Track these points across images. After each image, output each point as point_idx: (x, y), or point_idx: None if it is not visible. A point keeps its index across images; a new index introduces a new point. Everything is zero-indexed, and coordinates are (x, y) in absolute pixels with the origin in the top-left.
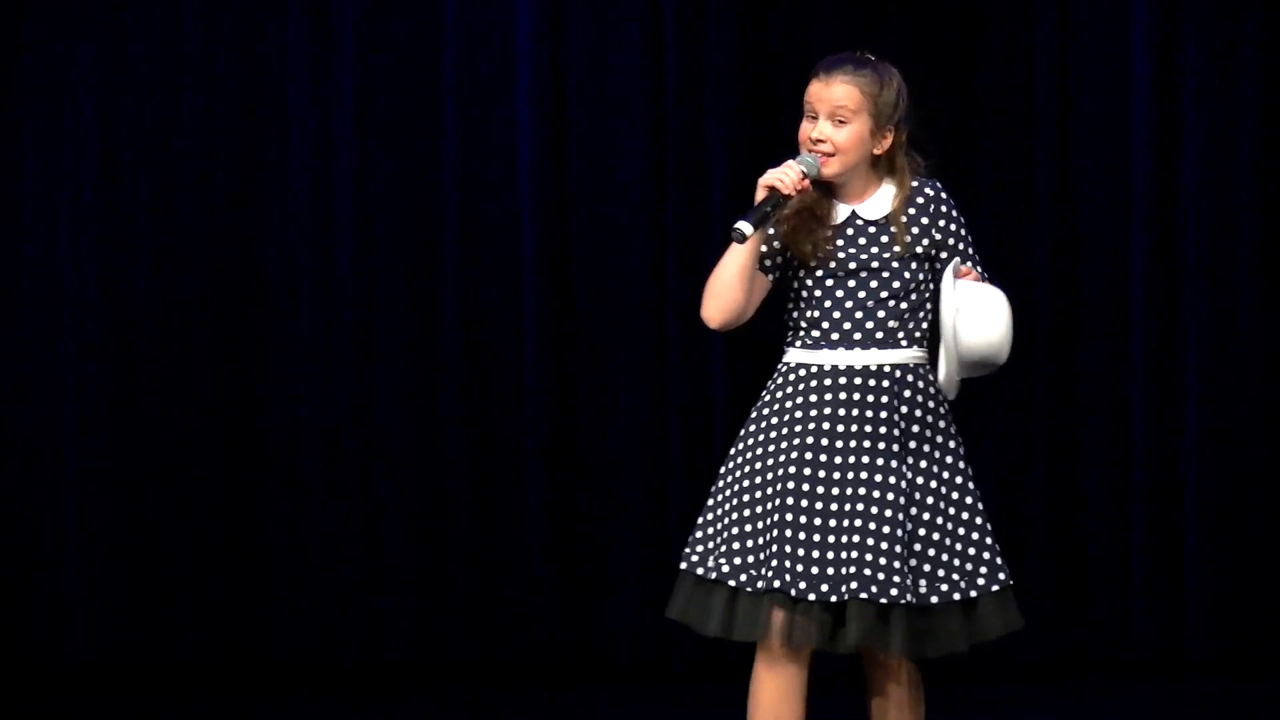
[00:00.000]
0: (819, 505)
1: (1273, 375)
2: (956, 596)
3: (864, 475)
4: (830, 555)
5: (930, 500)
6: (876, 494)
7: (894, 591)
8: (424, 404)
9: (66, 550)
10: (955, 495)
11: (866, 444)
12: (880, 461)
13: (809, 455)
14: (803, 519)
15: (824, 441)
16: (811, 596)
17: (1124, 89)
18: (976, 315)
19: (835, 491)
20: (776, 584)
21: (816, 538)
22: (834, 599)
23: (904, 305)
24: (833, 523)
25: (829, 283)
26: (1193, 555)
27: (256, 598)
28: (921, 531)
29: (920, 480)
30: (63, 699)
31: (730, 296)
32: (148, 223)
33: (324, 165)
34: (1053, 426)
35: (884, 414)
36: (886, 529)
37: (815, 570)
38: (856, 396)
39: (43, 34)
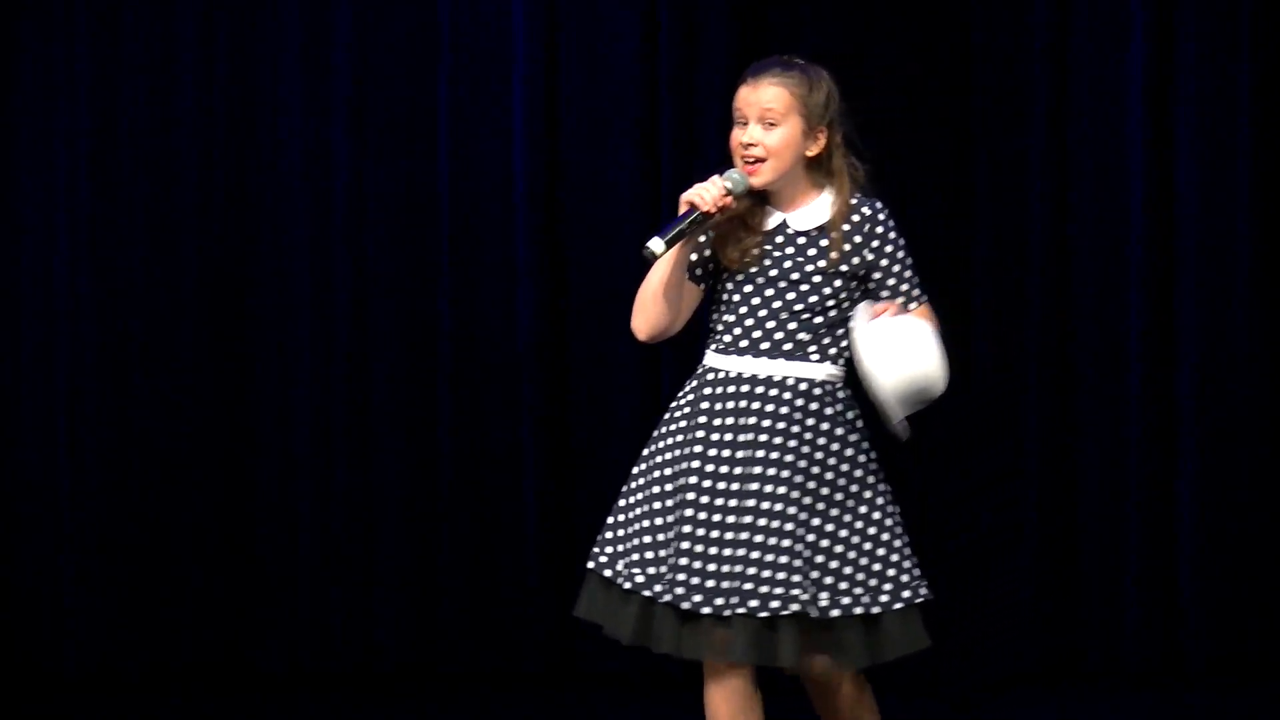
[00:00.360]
0: (715, 517)
1: (1269, 375)
2: (858, 611)
3: (754, 486)
4: (724, 568)
5: (835, 513)
6: (766, 505)
7: (775, 604)
8: (419, 408)
9: (62, 556)
10: (863, 510)
11: (760, 453)
12: (772, 472)
13: (709, 467)
14: (699, 531)
15: (725, 453)
16: (705, 610)
17: (1121, 89)
18: (890, 354)
19: (733, 503)
20: (667, 597)
21: (712, 550)
22: (726, 614)
23: (819, 319)
24: (728, 535)
25: (747, 289)
26: (1189, 558)
27: (252, 603)
28: (824, 543)
29: (825, 492)
30: (59, 705)
31: (656, 309)
32: (142, 225)
33: (319, 168)
34: (1047, 429)
35: (781, 425)
36: (774, 540)
37: (711, 583)
38: (756, 405)
39: (38, 36)
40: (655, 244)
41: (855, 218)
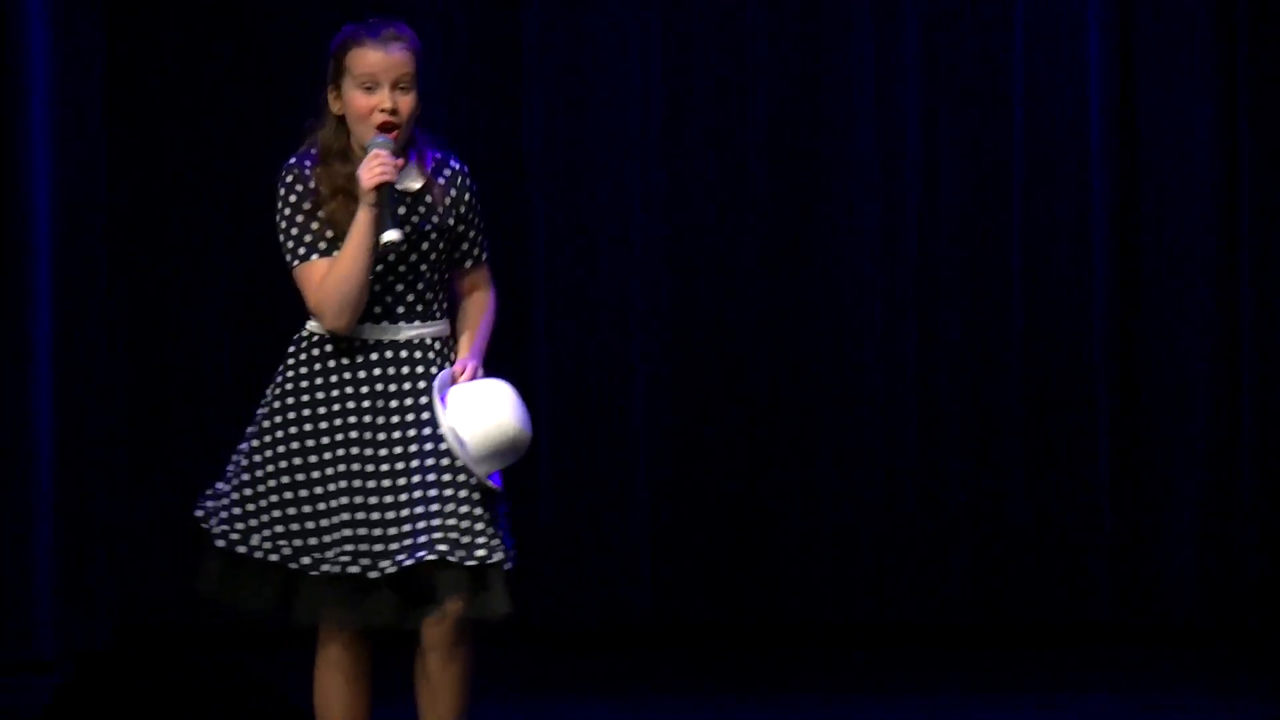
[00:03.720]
0: (311, 481)
1: None
2: (431, 558)
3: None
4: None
5: (415, 465)
6: (354, 466)
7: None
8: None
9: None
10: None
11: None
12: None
13: (354, 434)
14: (353, 499)
15: (366, 419)
16: (352, 570)
17: None
18: (472, 418)
19: (343, 466)
20: (325, 568)
21: (317, 515)
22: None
23: (435, 276)
24: (343, 499)
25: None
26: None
27: None
28: (389, 499)
29: (411, 449)
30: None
31: (360, 297)
32: (712, 191)
33: (890, 149)
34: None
35: (394, 386)
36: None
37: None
38: (379, 371)
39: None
40: (394, 234)
41: (447, 172)
